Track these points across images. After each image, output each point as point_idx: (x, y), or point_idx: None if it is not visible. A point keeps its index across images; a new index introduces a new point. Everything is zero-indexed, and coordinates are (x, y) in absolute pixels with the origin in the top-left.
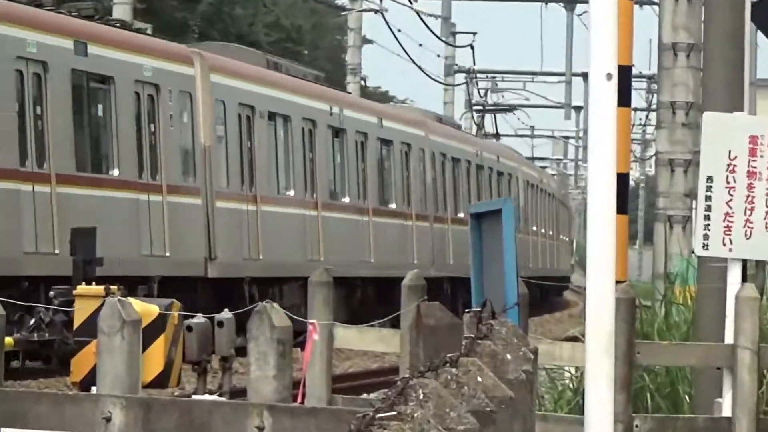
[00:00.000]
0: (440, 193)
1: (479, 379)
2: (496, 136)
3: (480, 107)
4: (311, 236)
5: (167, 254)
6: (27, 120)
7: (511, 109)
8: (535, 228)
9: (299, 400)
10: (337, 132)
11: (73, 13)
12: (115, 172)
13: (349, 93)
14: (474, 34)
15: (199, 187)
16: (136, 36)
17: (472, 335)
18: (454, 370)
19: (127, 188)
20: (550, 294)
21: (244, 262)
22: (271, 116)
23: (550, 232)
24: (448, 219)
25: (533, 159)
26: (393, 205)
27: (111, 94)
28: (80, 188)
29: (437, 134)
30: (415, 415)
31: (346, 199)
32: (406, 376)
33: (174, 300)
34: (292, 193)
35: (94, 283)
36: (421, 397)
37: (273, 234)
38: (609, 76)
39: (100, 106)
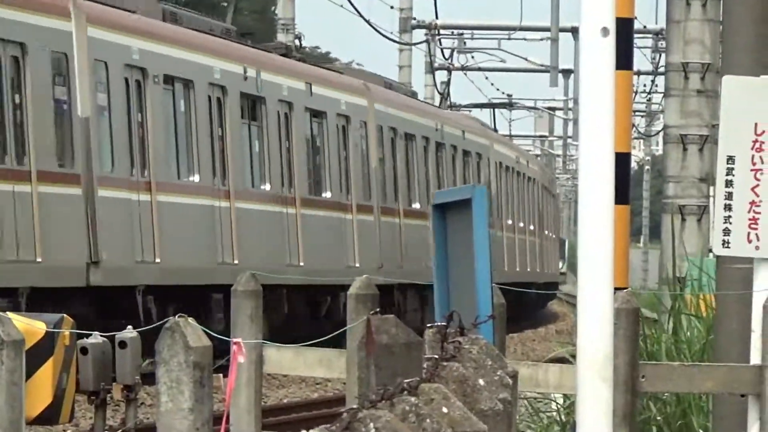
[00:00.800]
0: (389, 179)
1: (445, 409)
2: (460, 106)
3: (444, 71)
4: (223, 233)
5: (38, 259)
6: None
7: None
8: (510, 222)
9: None
10: (254, 101)
11: None
12: None
13: (271, 52)
14: None
15: (78, 174)
16: None
17: (436, 356)
18: (413, 399)
19: None
20: (531, 305)
21: (137, 266)
22: (168, 81)
23: (531, 227)
24: (400, 211)
25: (511, 136)
26: (327, 194)
27: None
28: None
29: (384, 103)
30: None
31: (267, 187)
32: (354, 407)
33: (64, 315)
34: (196, 178)
35: None
36: None
37: (173, 230)
38: (605, 32)
39: None
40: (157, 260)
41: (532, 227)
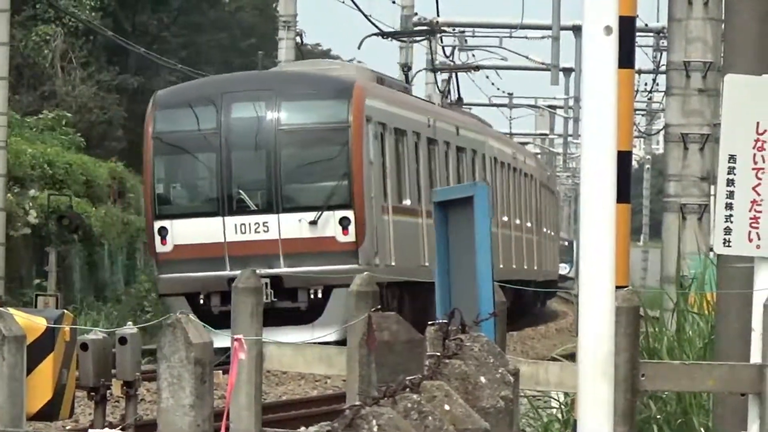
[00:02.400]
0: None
1: (447, 407)
2: (459, 101)
3: (446, 69)
4: (420, 242)
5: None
6: None
7: (476, 68)
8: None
9: None
10: (432, 142)
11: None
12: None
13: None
14: None
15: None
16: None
17: (438, 353)
18: (415, 396)
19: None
20: (528, 303)
21: (385, 268)
22: (394, 131)
23: (528, 224)
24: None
25: (511, 134)
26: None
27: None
28: None
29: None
30: None
31: None
32: (357, 403)
33: (65, 311)
34: (407, 202)
35: None
36: (375, 429)
37: (399, 241)
38: (608, 30)
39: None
40: (393, 263)
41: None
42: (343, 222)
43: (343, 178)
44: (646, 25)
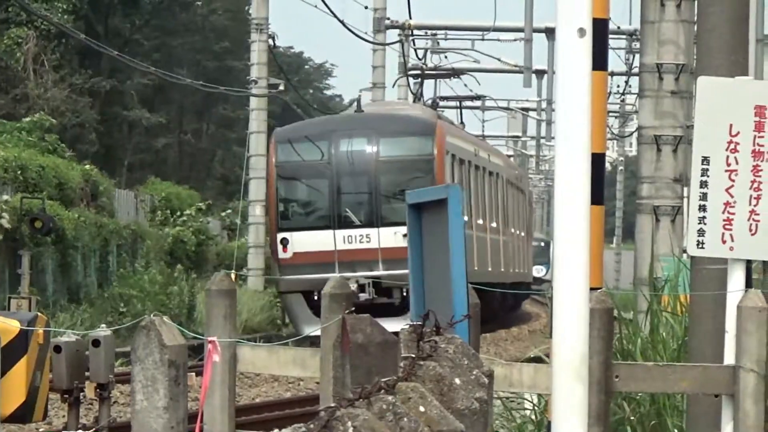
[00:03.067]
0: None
1: (422, 408)
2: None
3: (418, 72)
4: (499, 254)
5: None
6: None
7: (456, 73)
8: (466, 218)
9: None
10: (478, 167)
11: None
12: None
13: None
14: None
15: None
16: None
17: (412, 355)
18: (390, 397)
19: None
20: (496, 306)
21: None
22: (458, 161)
23: (493, 224)
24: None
25: (484, 137)
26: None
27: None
28: None
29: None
30: None
31: (494, 224)
32: (332, 405)
33: (38, 313)
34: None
35: None
36: (351, 431)
37: (483, 253)
38: (582, 32)
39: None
40: (476, 268)
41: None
42: None
43: None
44: (619, 27)
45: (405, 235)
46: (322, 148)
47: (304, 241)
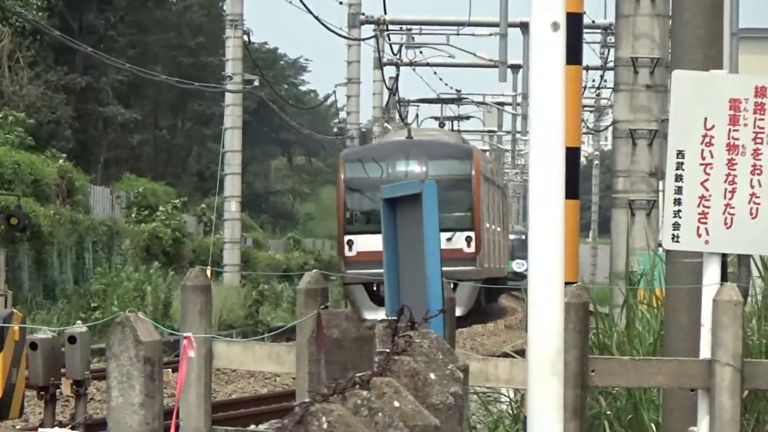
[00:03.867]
0: (484, 210)
1: (396, 403)
2: (409, 102)
3: (393, 66)
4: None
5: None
6: None
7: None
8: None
9: None
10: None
11: None
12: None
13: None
14: None
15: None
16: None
17: (387, 350)
18: (365, 392)
19: None
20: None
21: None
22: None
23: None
24: (487, 230)
25: (460, 131)
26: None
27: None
28: None
29: (480, 158)
30: None
31: (499, 228)
32: (307, 400)
33: (14, 310)
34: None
35: None
36: (325, 426)
37: (492, 249)
38: (555, 26)
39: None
40: (489, 265)
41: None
42: (468, 239)
43: (467, 211)
44: (594, 21)
45: (449, 239)
46: (382, 167)
47: (365, 243)
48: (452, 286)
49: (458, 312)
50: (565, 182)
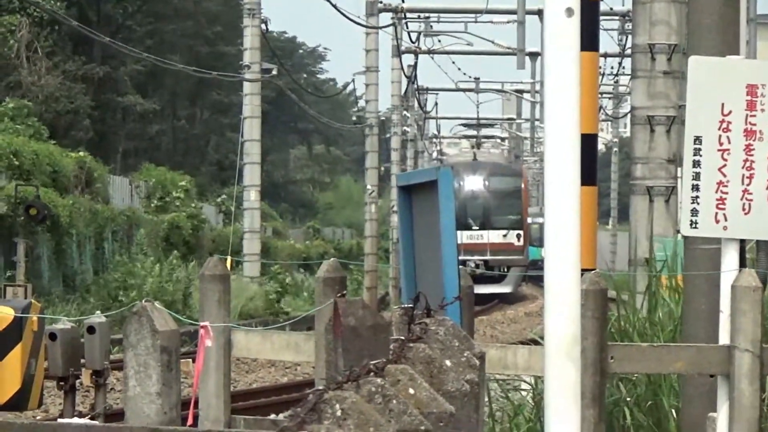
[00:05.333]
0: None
1: (411, 390)
2: (427, 90)
3: (411, 54)
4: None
5: None
6: None
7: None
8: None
9: (190, 422)
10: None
11: None
12: None
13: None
14: None
15: None
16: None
17: (402, 337)
18: (379, 380)
19: None
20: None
21: None
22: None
23: None
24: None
25: (479, 119)
26: None
27: None
28: None
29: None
30: None
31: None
32: (320, 388)
33: (32, 300)
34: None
35: None
36: (339, 413)
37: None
38: (569, 12)
39: None
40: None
41: None
42: (518, 236)
43: (518, 215)
44: (612, 8)
45: (504, 235)
46: (456, 182)
47: None
48: (506, 269)
49: (508, 289)
50: (582, 169)
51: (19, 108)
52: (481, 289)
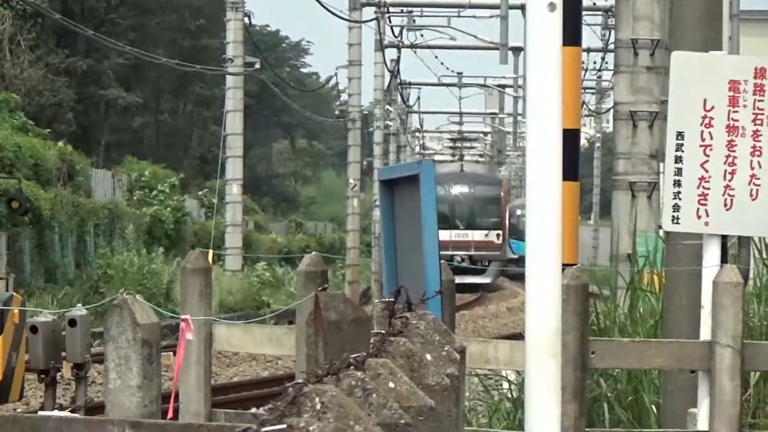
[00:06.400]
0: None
1: (391, 384)
2: (410, 84)
3: (394, 48)
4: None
5: None
6: None
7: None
8: None
9: (170, 415)
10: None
11: None
12: None
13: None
14: None
15: None
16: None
17: (383, 331)
18: (359, 373)
19: None
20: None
21: None
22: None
23: None
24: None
25: (461, 114)
26: None
27: None
28: None
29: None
30: (311, 429)
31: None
32: (300, 381)
33: (14, 293)
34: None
35: None
36: (318, 407)
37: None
38: (552, 7)
39: None
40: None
41: None
42: (497, 235)
43: (497, 218)
44: (594, 3)
45: (486, 234)
46: (445, 188)
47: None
48: (487, 263)
49: (489, 279)
50: (564, 164)
51: (6, 101)
52: (466, 280)
